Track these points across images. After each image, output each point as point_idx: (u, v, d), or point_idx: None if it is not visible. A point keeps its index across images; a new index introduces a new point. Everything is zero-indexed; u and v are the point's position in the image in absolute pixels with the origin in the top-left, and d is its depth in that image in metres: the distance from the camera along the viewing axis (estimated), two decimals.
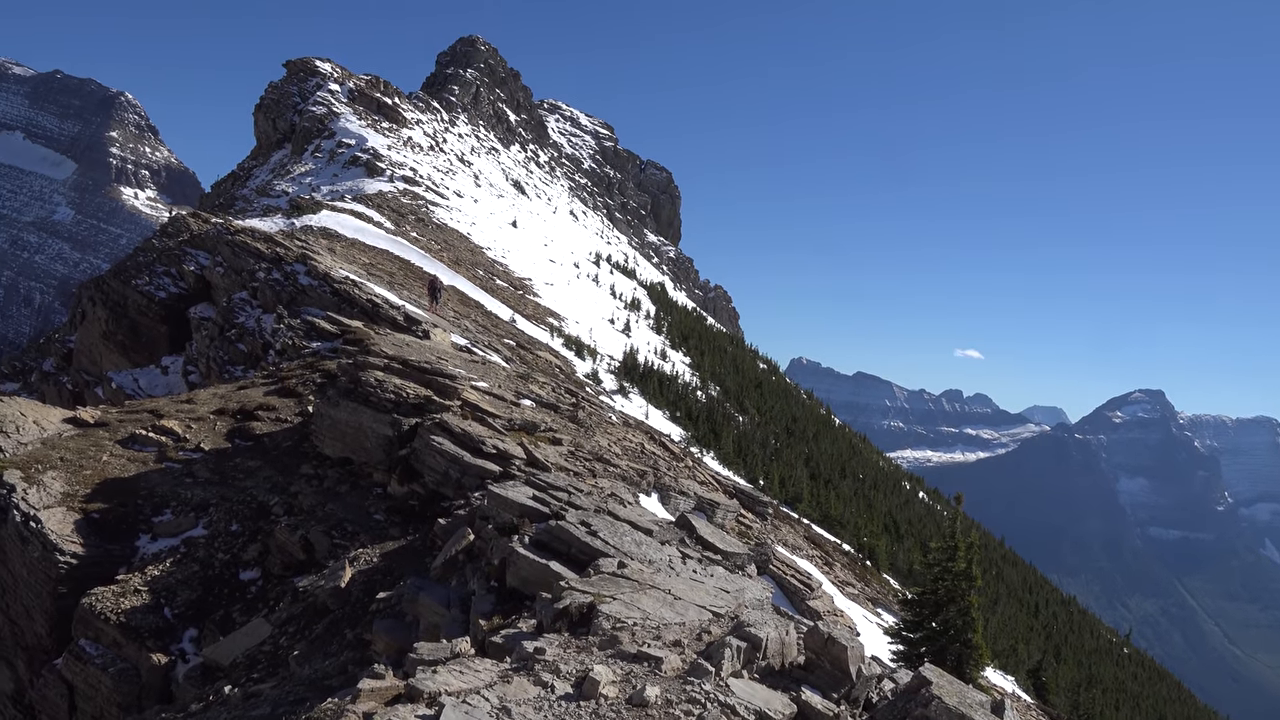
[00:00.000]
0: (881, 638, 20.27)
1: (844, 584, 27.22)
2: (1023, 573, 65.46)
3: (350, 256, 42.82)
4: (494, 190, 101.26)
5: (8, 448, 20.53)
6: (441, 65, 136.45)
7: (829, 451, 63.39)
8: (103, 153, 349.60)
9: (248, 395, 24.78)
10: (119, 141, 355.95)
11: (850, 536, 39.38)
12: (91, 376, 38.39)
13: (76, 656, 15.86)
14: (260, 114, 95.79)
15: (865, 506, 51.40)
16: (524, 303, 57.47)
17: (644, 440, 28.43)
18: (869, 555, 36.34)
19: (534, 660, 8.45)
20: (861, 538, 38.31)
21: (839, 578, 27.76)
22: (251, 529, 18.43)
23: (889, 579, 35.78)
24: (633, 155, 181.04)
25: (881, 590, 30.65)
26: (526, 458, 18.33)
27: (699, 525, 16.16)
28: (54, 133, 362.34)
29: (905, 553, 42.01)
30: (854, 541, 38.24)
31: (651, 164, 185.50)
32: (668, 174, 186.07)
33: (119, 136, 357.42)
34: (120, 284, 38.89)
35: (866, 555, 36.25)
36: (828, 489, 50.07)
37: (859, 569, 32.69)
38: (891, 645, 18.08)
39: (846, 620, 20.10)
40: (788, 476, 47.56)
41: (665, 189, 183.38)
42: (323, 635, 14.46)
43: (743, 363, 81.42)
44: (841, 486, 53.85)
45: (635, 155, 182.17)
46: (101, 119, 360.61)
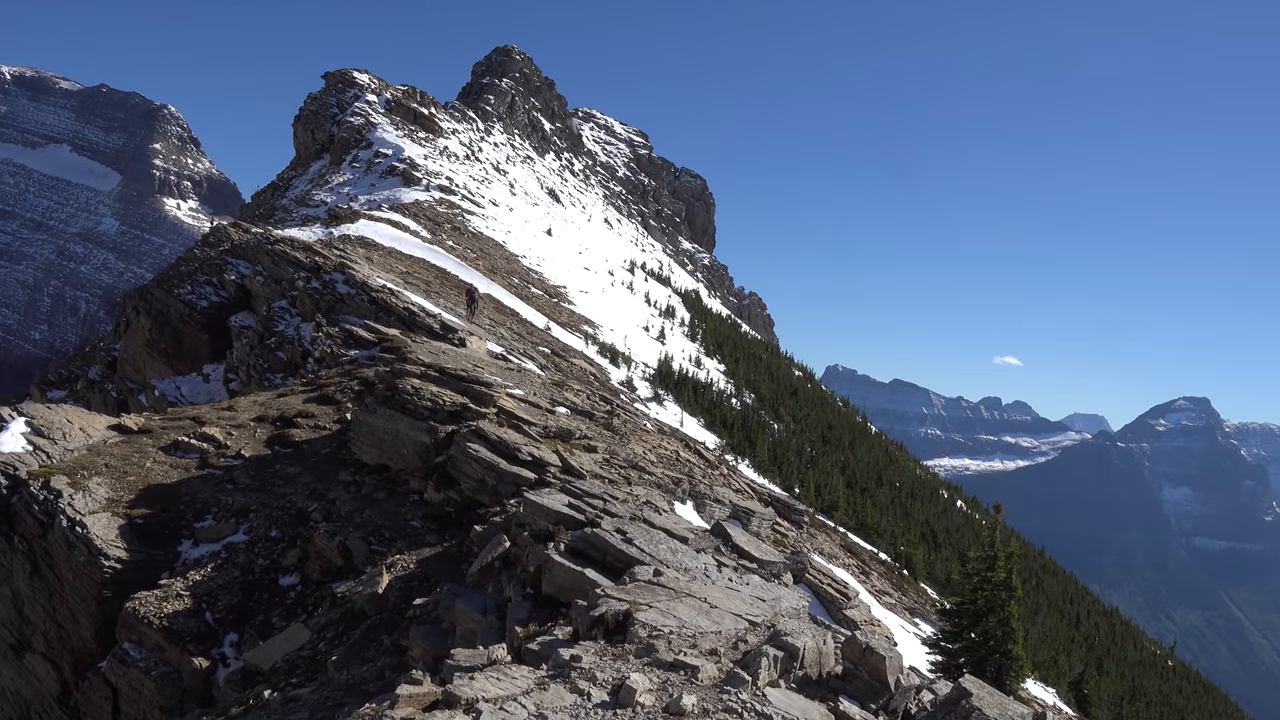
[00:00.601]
0: (919, 648, 20.07)
1: (881, 593, 26.98)
2: (1063, 583, 64.47)
3: (387, 265, 43.23)
4: (529, 199, 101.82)
5: (55, 454, 20.92)
6: (477, 75, 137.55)
7: (865, 459, 62.91)
8: (146, 164, 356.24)
9: (287, 403, 25.07)
10: (162, 153, 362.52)
11: (887, 545, 39.06)
12: (135, 384, 39.06)
13: (120, 660, 16.10)
14: (299, 125, 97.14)
15: (902, 515, 50.94)
16: (559, 310, 57.68)
17: (679, 448, 28.40)
18: (906, 564, 36.02)
19: (570, 668, 8.46)
20: (898, 547, 37.99)
21: (876, 587, 27.53)
22: (291, 535, 18.62)
23: (926, 588, 35.42)
24: (667, 163, 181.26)
25: (919, 600, 30.36)
26: (562, 465, 18.36)
27: (734, 533, 16.11)
28: (100, 145, 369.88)
29: (943, 562, 41.56)
30: (891, 550, 37.92)
31: (686, 171, 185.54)
32: (702, 181, 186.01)
33: (162, 148, 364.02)
34: (163, 293, 39.56)
35: (903, 564, 35.93)
36: (864, 497, 49.70)
37: (896, 578, 32.39)
38: (930, 656, 17.90)
39: (884, 630, 19.92)
40: (823, 484, 47.27)
41: (700, 196, 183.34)
42: (360, 641, 14.56)
43: (778, 370, 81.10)
44: (878, 495, 53.41)
45: (670, 163, 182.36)
46: (145, 131, 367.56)
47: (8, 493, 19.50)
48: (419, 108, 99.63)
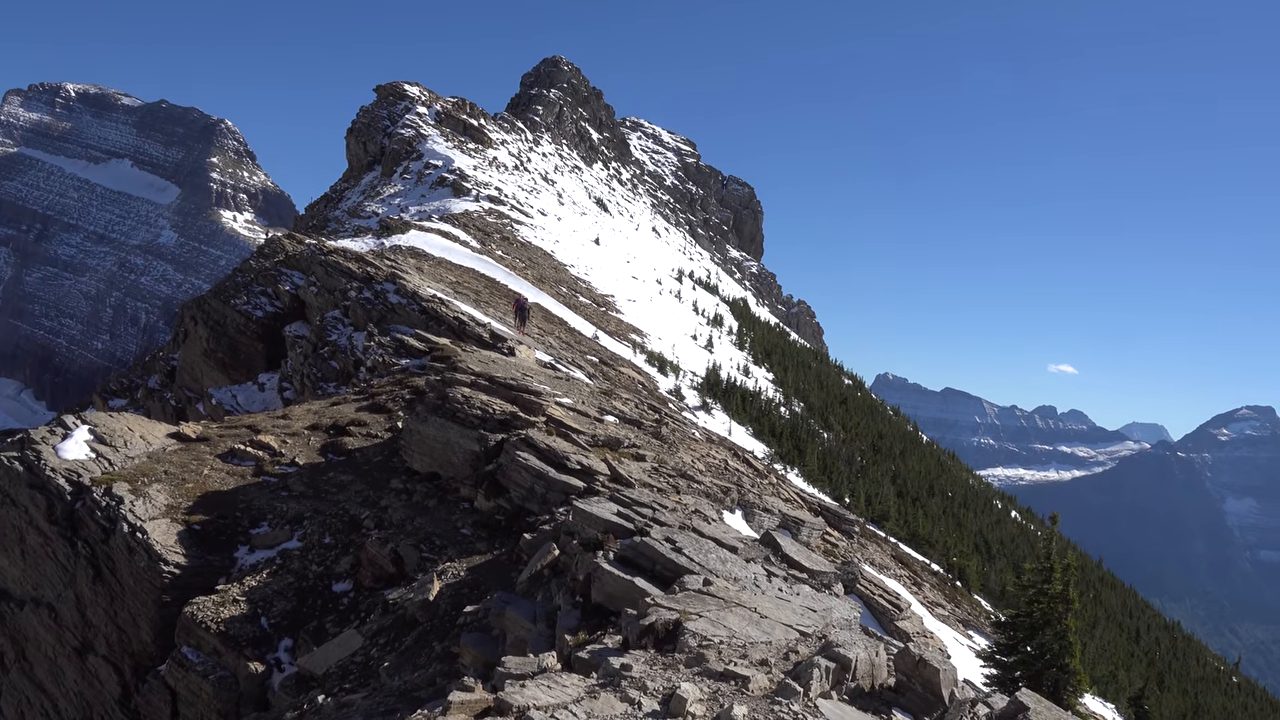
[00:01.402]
0: (973, 661, 19.76)
1: (933, 605, 26.61)
2: (1122, 596, 63.06)
3: (438, 275, 43.70)
4: (577, 208, 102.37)
5: (116, 461, 21.43)
6: (526, 86, 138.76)
7: (916, 469, 62.16)
8: (204, 178, 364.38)
9: (340, 411, 25.43)
10: (219, 167, 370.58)
11: (939, 556, 38.53)
12: (193, 393, 39.88)
13: (179, 663, 16.42)
14: (351, 138, 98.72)
15: (955, 525, 50.23)
16: (607, 319, 57.85)
17: (727, 457, 28.29)
18: (959, 576, 35.48)
19: (620, 676, 8.44)
20: (951, 558, 37.46)
21: (928, 598, 27.15)
22: (344, 542, 18.86)
23: (980, 600, 34.85)
24: (715, 171, 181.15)
25: (972, 612, 29.88)
26: (610, 474, 18.38)
27: (784, 543, 15.98)
28: (159, 159, 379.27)
29: (997, 574, 40.89)
30: (943, 561, 37.41)
31: (734, 179, 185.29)
32: (750, 189, 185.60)
33: (219, 162, 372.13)
34: (220, 304, 40.37)
35: (956, 576, 35.39)
36: (915, 507, 49.09)
37: (949, 590, 31.92)
38: (984, 669, 17.60)
39: (937, 642, 19.63)
40: (874, 494, 46.80)
41: (747, 204, 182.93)
42: (412, 647, 14.68)
43: (827, 378, 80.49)
44: (930, 505, 52.73)
45: (717, 171, 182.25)
46: (203, 145, 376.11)
47: (72, 499, 20.01)
48: (468, 119, 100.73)
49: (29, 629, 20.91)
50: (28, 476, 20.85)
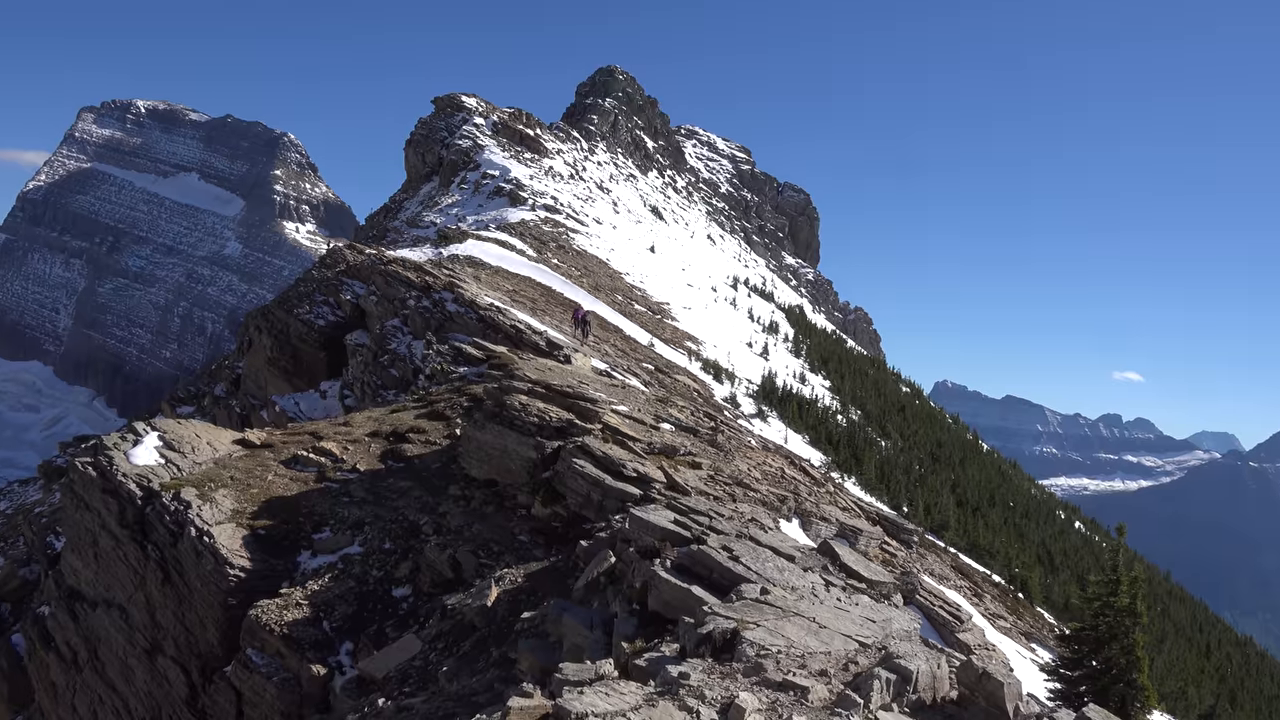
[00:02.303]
0: (1037, 675, 19.34)
1: (995, 617, 26.12)
2: (1191, 609, 61.27)
3: (494, 284, 44.13)
4: (632, 216, 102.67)
5: (185, 467, 21.97)
6: (581, 95, 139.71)
7: (976, 478, 61.13)
8: (268, 190, 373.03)
9: (399, 418, 25.78)
10: (282, 179, 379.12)
11: (1000, 567, 37.83)
12: (258, 400, 40.74)
13: (244, 665, 16.75)
14: (410, 149, 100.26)
15: (1016, 536, 49.29)
16: (662, 327, 57.90)
17: (784, 465, 28.09)
18: (1021, 587, 34.79)
19: (679, 685, 8.42)
20: (1013, 569, 36.76)
21: (989, 610, 26.66)
22: (403, 547, 19.10)
23: (1043, 613, 34.11)
24: (770, 178, 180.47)
25: (1035, 624, 29.27)
26: (666, 481, 18.36)
27: (842, 552, 15.82)
28: (225, 172, 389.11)
29: (1060, 585, 40.02)
30: (1005, 573, 36.72)
31: (789, 186, 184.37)
32: (806, 195, 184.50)
33: (282, 174, 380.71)
34: (283, 313, 41.22)
35: (1018, 587, 34.71)
36: (976, 517, 48.29)
37: (1010, 601, 31.31)
38: (1048, 683, 17.20)
39: (999, 655, 19.25)
40: (933, 503, 46.13)
41: (803, 210, 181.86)
42: (470, 652, 14.81)
43: (885, 386, 79.62)
44: (990, 515, 51.82)
45: (772, 177, 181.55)
46: (267, 158, 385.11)
47: (142, 503, 20.56)
48: (524, 129, 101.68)
49: (101, 630, 21.51)
50: (100, 481, 21.49)
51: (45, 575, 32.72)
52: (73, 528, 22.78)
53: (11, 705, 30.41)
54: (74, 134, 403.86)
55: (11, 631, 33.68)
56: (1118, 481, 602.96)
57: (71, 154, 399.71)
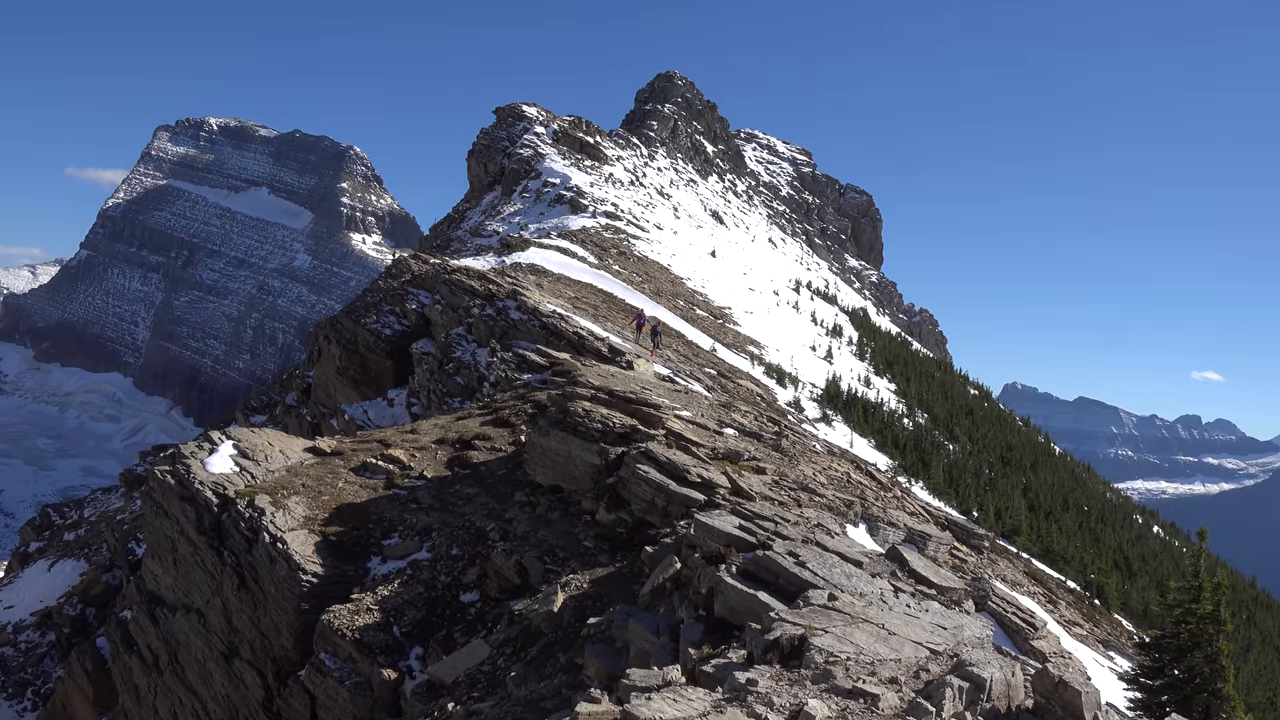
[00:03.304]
0: (1116, 683, 18.81)
1: (1070, 624, 25.48)
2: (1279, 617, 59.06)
3: (557, 291, 44.43)
4: (693, 221, 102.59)
5: (258, 475, 22.50)
6: (640, 101, 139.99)
7: (1049, 482, 59.76)
8: (335, 202, 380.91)
9: (465, 425, 26.07)
10: (349, 191, 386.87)
11: (1075, 573, 36.92)
12: (327, 409, 41.55)
13: (317, 669, 17.08)
14: (472, 159, 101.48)
15: (1091, 541, 48.06)
16: (724, 331, 57.73)
17: (849, 469, 27.78)
18: (1097, 594, 33.88)
19: (746, 692, 8.37)
20: (1088, 574, 35.82)
21: (1064, 617, 26.03)
22: (470, 553, 19.29)
23: (1121, 620, 33.18)
24: (831, 180, 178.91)
25: (1113, 632, 28.48)
26: (731, 487, 18.28)
27: (911, 558, 15.58)
28: (294, 186, 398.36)
29: (1139, 592, 38.90)
30: (1080, 578, 35.82)
31: (851, 187, 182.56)
32: (868, 197, 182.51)
33: (349, 187, 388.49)
34: (351, 323, 42.00)
35: (1094, 594, 33.81)
36: (1049, 521, 47.21)
37: (1086, 608, 30.52)
38: (1128, 692, 16.72)
39: (1076, 663, 18.77)
40: (1004, 508, 45.20)
41: (866, 212, 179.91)
42: (537, 658, 14.90)
43: (952, 388, 78.30)
44: (1064, 519, 50.61)
45: (834, 180, 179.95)
46: (334, 172, 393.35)
47: (218, 510, 21.10)
48: (584, 137, 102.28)
49: (180, 633, 22.12)
50: (179, 489, 22.11)
51: (127, 580, 33.83)
52: (153, 534, 23.46)
53: (97, 706, 31.46)
54: (150, 152, 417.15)
55: (96, 635, 34.86)
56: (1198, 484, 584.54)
57: (148, 171, 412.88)
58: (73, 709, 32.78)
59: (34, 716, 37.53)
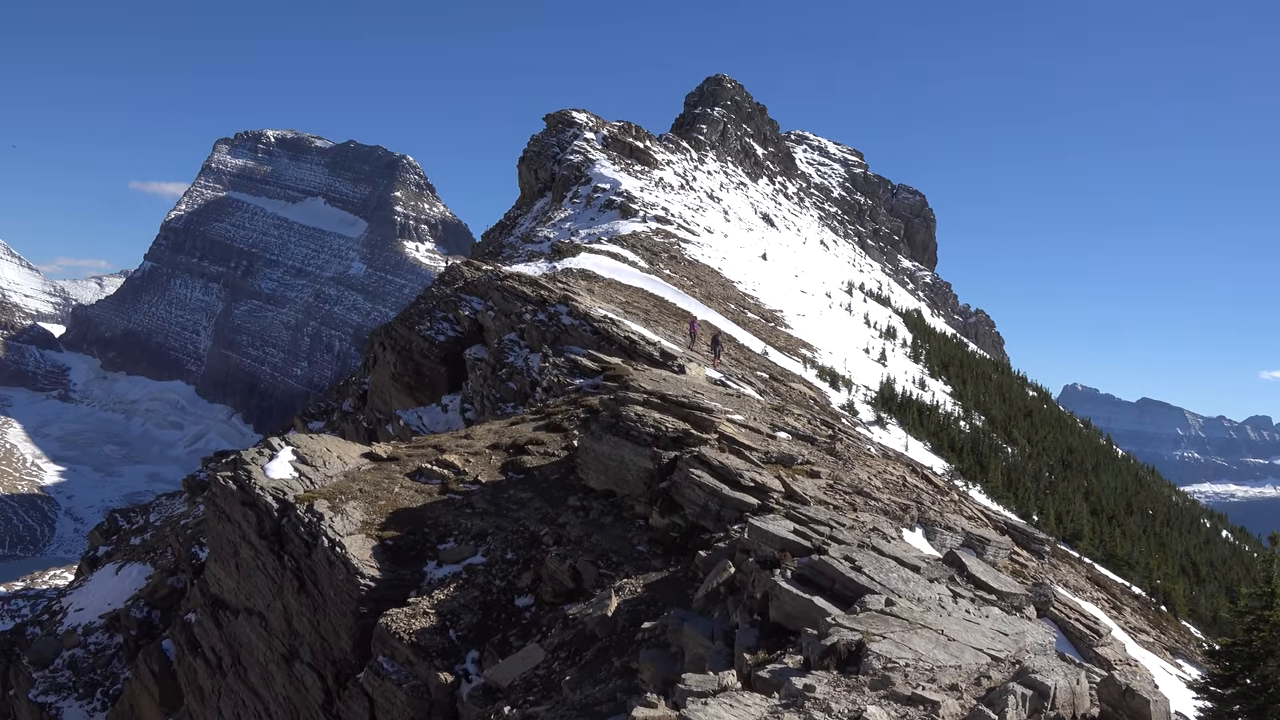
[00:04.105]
0: (1185, 692, 18.31)
1: (1136, 630, 24.87)
2: None
3: (608, 296, 44.52)
4: (743, 224, 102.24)
5: (317, 480, 22.85)
6: (689, 105, 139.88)
7: (1111, 485, 58.44)
8: (389, 211, 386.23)
9: (518, 431, 26.23)
10: (402, 200, 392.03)
11: (1140, 579, 36.03)
12: (383, 414, 42.08)
13: (375, 672, 17.29)
14: (523, 166, 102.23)
15: (1157, 546, 46.87)
16: (776, 335, 57.40)
17: (905, 473, 27.42)
18: (1164, 600, 33.02)
19: (804, 698, 8.28)
20: (1154, 580, 34.93)
21: (1129, 623, 25.41)
22: (524, 557, 19.39)
23: (1189, 627, 32.30)
24: (884, 180, 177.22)
25: (1180, 639, 27.72)
26: (785, 491, 18.15)
27: (970, 563, 15.32)
28: (348, 196, 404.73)
29: (1208, 598, 37.81)
30: (1145, 584, 34.94)
31: (904, 187, 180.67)
32: (921, 197, 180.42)
33: (402, 196, 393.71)
34: (405, 330, 42.51)
35: (1161, 600, 32.96)
36: (1112, 526, 46.14)
37: (1152, 614, 29.76)
38: (1197, 701, 16.24)
39: (1143, 671, 18.31)
40: (1065, 512, 44.30)
41: (919, 212, 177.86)
42: (592, 662, 14.91)
43: (1009, 390, 76.99)
44: (1128, 523, 49.43)
45: (886, 180, 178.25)
46: (388, 181, 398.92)
47: (278, 515, 21.46)
48: (634, 142, 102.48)
49: (243, 636, 22.54)
50: (240, 494, 22.54)
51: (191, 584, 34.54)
52: (215, 539, 23.94)
53: (163, 707, 32.13)
54: (210, 165, 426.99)
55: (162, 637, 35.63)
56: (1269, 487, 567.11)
57: (208, 184, 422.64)
58: (140, 709, 33.55)
59: (103, 716, 38.50)
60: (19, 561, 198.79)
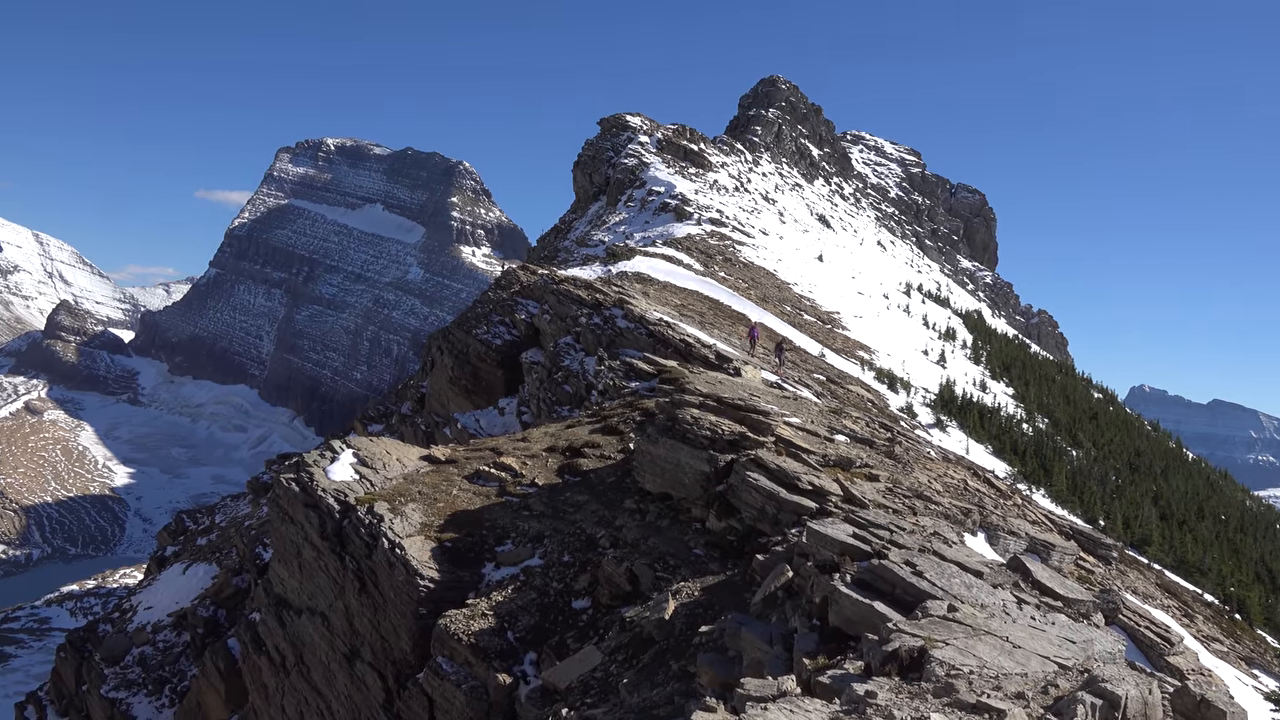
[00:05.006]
0: (1262, 703, 17.74)
1: (1209, 639, 24.14)
2: None
3: (663, 299, 44.51)
4: (799, 226, 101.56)
5: (377, 482, 23.16)
6: (744, 107, 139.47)
7: (1182, 489, 56.87)
8: (445, 217, 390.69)
9: (574, 433, 26.31)
10: (458, 205, 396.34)
11: (1213, 586, 35.00)
12: (440, 417, 42.54)
13: (435, 672, 17.45)
14: (578, 170, 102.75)
15: (1231, 552, 45.46)
16: (833, 337, 56.88)
17: (966, 476, 26.96)
18: (1238, 608, 32.03)
19: (865, 704, 8.15)
20: (1227, 587, 33.92)
21: (1202, 632, 24.67)
22: (581, 560, 19.43)
23: (1265, 636, 31.27)
24: (942, 179, 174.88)
25: (1256, 648, 26.85)
26: (843, 494, 17.94)
27: (1034, 568, 14.99)
28: (406, 202, 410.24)
29: None
30: (1218, 592, 33.93)
31: (963, 187, 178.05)
32: (981, 196, 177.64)
33: (459, 201, 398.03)
34: (463, 334, 42.93)
35: (1235, 608, 31.97)
36: (1182, 531, 44.89)
37: (1226, 623, 28.86)
38: (1275, 713, 15.78)
39: (1218, 681, 17.76)
40: (1132, 516, 43.21)
41: (978, 212, 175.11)
42: (649, 665, 14.88)
43: (1074, 392, 75.40)
44: (1199, 529, 48.04)
45: (944, 179, 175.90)
46: (444, 187, 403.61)
47: (339, 517, 21.79)
48: (688, 144, 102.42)
49: (306, 635, 22.92)
50: (303, 496, 22.94)
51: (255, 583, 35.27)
52: (279, 539, 24.39)
53: (229, 704, 32.84)
54: (273, 173, 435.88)
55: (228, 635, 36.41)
56: None
57: (271, 192, 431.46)
58: (207, 706, 34.32)
59: (171, 712, 39.47)
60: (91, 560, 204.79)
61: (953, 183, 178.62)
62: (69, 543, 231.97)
